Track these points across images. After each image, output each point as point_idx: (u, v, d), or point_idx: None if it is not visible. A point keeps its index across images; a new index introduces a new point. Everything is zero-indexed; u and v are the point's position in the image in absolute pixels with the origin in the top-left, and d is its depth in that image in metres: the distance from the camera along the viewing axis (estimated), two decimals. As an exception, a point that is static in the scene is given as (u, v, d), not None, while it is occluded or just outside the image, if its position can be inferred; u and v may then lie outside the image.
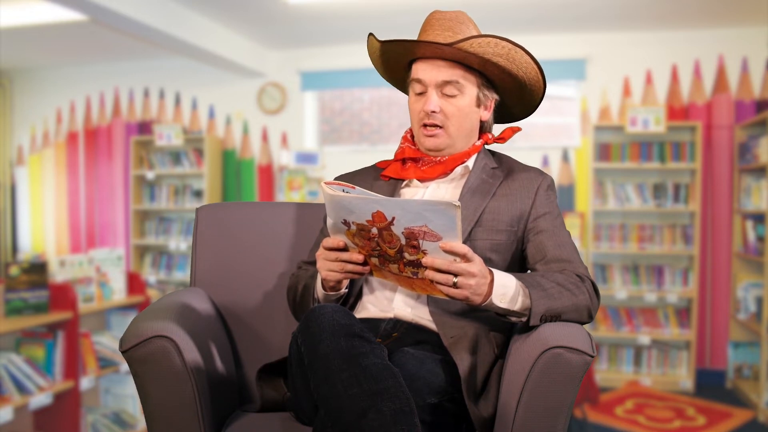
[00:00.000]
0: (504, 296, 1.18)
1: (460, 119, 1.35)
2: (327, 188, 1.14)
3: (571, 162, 4.63)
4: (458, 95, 1.34)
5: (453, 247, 1.10)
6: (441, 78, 1.32)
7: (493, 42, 1.29)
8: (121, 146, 5.56)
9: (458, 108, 1.34)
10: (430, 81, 1.33)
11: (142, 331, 1.19)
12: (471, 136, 1.40)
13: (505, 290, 1.18)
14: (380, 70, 1.48)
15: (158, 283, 5.16)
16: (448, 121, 1.34)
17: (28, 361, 2.68)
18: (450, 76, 1.32)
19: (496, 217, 1.34)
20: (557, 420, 1.13)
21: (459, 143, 1.38)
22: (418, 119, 1.36)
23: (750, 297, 4.02)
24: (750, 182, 4.02)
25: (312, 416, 1.20)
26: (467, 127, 1.37)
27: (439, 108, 1.33)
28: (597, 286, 1.28)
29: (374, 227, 1.13)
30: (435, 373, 1.20)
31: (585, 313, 1.24)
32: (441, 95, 1.33)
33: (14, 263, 2.74)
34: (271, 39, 4.81)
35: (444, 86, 1.33)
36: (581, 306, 1.22)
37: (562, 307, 1.20)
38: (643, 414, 3.64)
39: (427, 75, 1.33)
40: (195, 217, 1.63)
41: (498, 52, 1.30)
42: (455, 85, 1.33)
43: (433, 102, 1.33)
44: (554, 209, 1.37)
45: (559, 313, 1.20)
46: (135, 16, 3.60)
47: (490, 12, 3.96)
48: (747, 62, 4.31)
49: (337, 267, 1.22)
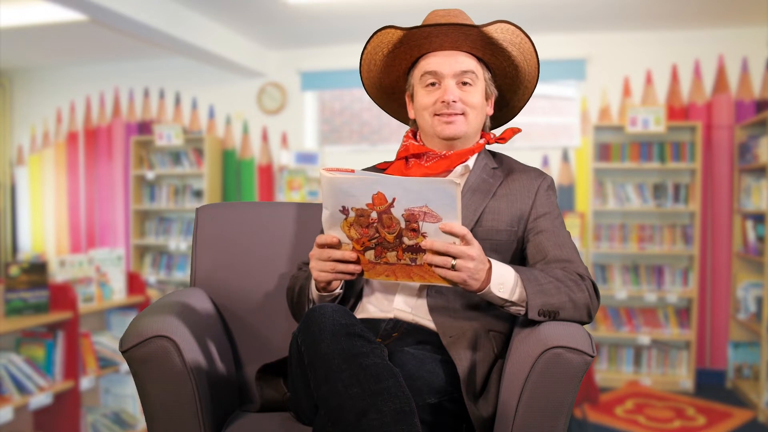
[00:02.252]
0: (502, 285, 1.17)
1: (477, 110, 1.34)
2: (326, 173, 1.13)
3: (571, 162, 4.63)
4: (473, 86, 1.33)
5: (452, 228, 1.09)
6: (459, 68, 1.31)
7: (512, 29, 1.29)
8: (121, 146, 5.56)
9: (474, 97, 1.34)
10: (447, 71, 1.32)
11: (142, 331, 1.19)
12: (478, 131, 1.40)
13: (503, 280, 1.18)
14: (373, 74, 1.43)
15: (158, 283, 5.16)
16: (468, 109, 1.33)
17: (28, 361, 2.68)
18: (466, 66, 1.32)
19: (497, 216, 1.33)
20: (557, 420, 1.13)
21: (471, 135, 1.37)
22: (431, 112, 1.34)
23: (750, 297, 4.02)
24: (750, 182, 4.02)
25: (312, 416, 1.20)
26: (480, 120, 1.37)
27: (459, 98, 1.31)
28: (597, 287, 1.27)
29: (374, 211, 1.12)
30: (435, 373, 1.20)
31: (584, 312, 1.23)
32: (458, 86, 1.32)
33: (14, 263, 2.74)
34: (271, 39, 4.81)
35: (461, 76, 1.32)
36: (580, 303, 1.22)
37: (560, 302, 1.19)
38: (643, 414, 3.64)
39: (444, 65, 1.32)
40: (195, 217, 1.63)
41: (513, 41, 1.30)
42: (471, 75, 1.32)
43: (453, 92, 1.31)
44: (554, 209, 1.36)
45: (556, 308, 1.19)
46: (135, 16, 3.60)
47: (490, 12, 3.97)
48: (747, 62, 4.31)
49: (328, 267, 1.20)
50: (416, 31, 1.31)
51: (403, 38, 1.33)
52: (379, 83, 1.47)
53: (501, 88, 1.41)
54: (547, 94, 4.87)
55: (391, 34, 1.34)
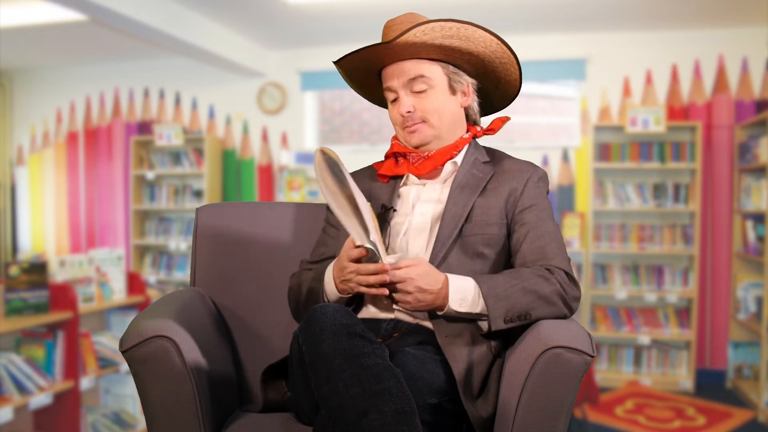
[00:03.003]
0: (463, 300, 1.20)
1: (438, 111, 1.34)
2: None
3: (571, 162, 4.63)
4: (428, 89, 1.33)
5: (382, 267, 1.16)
6: (404, 77, 1.32)
7: (438, 26, 1.27)
8: (121, 146, 5.56)
9: (432, 101, 1.33)
10: (397, 84, 1.34)
11: (142, 331, 1.19)
12: (457, 126, 1.39)
13: (463, 294, 1.19)
14: (360, 92, 1.49)
15: (158, 283, 5.16)
16: (427, 115, 1.34)
17: (28, 361, 2.68)
18: (413, 72, 1.32)
19: (487, 210, 1.33)
20: (557, 420, 1.13)
21: (445, 135, 1.37)
22: (400, 125, 1.37)
23: (750, 297, 4.02)
24: (750, 182, 4.02)
25: (312, 416, 1.20)
26: (449, 118, 1.36)
27: (413, 107, 1.33)
28: (573, 276, 1.26)
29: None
30: (435, 373, 1.20)
31: (560, 305, 1.22)
32: (412, 94, 1.33)
33: (14, 263, 2.74)
34: (271, 39, 4.81)
35: (411, 84, 1.33)
36: (551, 298, 1.21)
37: (527, 303, 1.20)
38: (643, 414, 3.64)
39: (392, 79, 1.34)
40: (195, 217, 1.63)
41: (447, 34, 1.28)
42: (421, 79, 1.32)
43: (405, 103, 1.33)
44: (542, 202, 1.35)
45: (525, 310, 1.19)
46: (135, 16, 3.60)
47: (490, 12, 3.97)
48: (747, 62, 4.31)
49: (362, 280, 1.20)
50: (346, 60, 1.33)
51: (345, 69, 1.38)
52: (371, 97, 1.51)
53: (476, 75, 1.39)
54: (547, 94, 4.87)
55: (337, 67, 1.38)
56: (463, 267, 1.29)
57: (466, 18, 1.38)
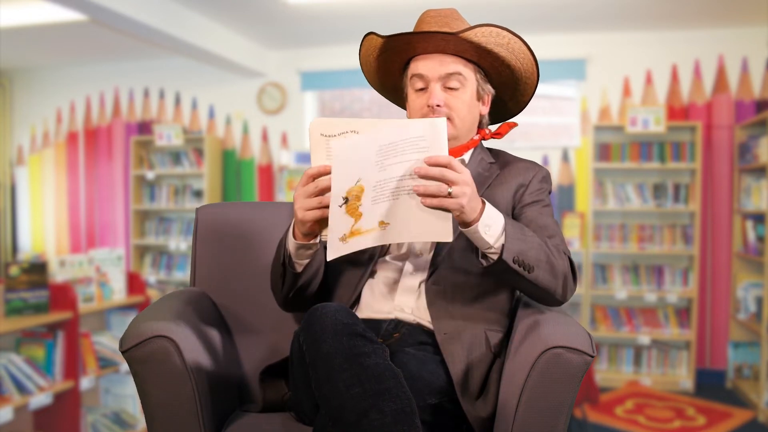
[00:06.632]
0: (489, 228, 1.15)
1: (464, 112, 1.34)
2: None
3: (571, 162, 4.63)
4: (461, 88, 1.33)
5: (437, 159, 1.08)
6: (444, 71, 1.31)
7: (495, 31, 1.28)
8: (121, 146, 5.56)
9: (462, 101, 1.33)
10: (432, 75, 1.32)
11: (142, 331, 1.19)
12: (471, 130, 1.40)
13: (492, 222, 1.16)
14: (372, 76, 1.46)
15: (158, 283, 5.16)
16: (453, 113, 1.33)
17: (28, 361, 2.68)
18: (452, 68, 1.31)
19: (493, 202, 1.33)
20: (557, 420, 1.13)
21: (462, 136, 1.37)
22: (420, 115, 1.34)
23: (750, 297, 4.02)
24: (750, 182, 4.02)
25: (312, 416, 1.20)
26: (470, 121, 1.37)
27: (444, 102, 1.31)
28: (576, 272, 1.27)
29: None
30: (436, 373, 1.20)
31: (560, 281, 1.22)
32: (444, 89, 1.32)
33: (14, 263, 2.73)
34: (271, 39, 4.81)
35: (447, 79, 1.32)
36: (557, 270, 1.22)
37: (536, 258, 1.19)
38: (643, 414, 3.64)
39: (429, 69, 1.32)
40: (195, 217, 1.63)
41: (499, 42, 1.29)
42: (457, 77, 1.32)
43: (438, 96, 1.31)
44: (544, 199, 1.37)
45: (532, 263, 1.18)
46: (135, 16, 3.60)
47: (490, 12, 3.97)
48: (747, 62, 4.31)
49: (315, 202, 1.16)
50: (397, 38, 1.31)
51: (386, 45, 1.34)
52: (381, 84, 1.49)
53: (498, 86, 1.40)
54: (547, 94, 4.86)
55: (374, 40, 1.35)
56: (466, 260, 1.29)
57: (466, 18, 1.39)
